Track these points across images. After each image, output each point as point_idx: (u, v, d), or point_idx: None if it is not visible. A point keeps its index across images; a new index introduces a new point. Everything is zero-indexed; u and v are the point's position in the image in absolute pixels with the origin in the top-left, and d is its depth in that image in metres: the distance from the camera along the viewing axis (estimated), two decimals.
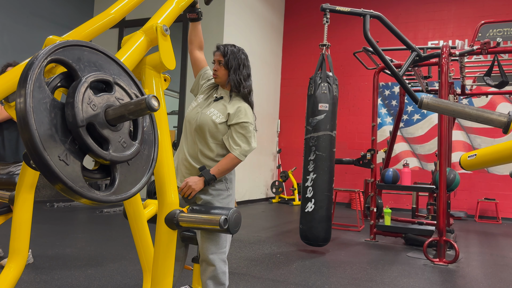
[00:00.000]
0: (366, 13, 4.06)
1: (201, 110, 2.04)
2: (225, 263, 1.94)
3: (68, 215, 5.83)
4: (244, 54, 2.11)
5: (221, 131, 1.99)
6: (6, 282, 1.05)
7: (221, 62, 2.04)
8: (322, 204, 3.85)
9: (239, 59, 2.05)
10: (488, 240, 5.37)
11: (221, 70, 2.04)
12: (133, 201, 1.51)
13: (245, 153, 1.98)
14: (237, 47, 2.09)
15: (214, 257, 1.90)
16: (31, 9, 7.21)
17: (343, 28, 8.86)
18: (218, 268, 1.90)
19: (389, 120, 8.66)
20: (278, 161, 9.53)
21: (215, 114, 1.99)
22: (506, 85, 4.42)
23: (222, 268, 1.92)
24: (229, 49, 2.05)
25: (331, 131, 3.93)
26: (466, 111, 1.29)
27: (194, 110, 2.06)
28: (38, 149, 0.78)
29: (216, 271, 1.91)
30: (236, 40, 7.89)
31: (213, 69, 2.08)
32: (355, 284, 3.03)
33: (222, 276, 1.92)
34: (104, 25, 1.43)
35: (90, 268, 3.10)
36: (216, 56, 2.07)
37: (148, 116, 1.08)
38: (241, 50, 2.10)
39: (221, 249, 1.92)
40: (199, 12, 1.98)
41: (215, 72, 2.06)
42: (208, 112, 2.00)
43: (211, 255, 1.89)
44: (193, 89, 2.23)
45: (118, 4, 1.49)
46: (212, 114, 1.99)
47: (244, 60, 2.08)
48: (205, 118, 1.99)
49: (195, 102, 2.12)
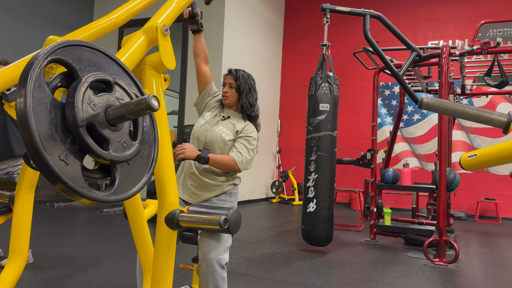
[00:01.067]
0: (366, 13, 4.06)
1: (210, 127, 2.13)
2: (223, 269, 1.89)
3: (68, 215, 5.83)
4: (253, 79, 2.25)
5: (230, 148, 2.09)
6: (6, 282, 1.05)
7: (232, 85, 2.17)
8: (324, 204, 3.85)
9: (250, 84, 2.20)
10: (488, 240, 5.37)
11: (232, 93, 2.17)
12: (133, 201, 1.51)
13: (243, 163, 2.05)
14: (246, 72, 2.23)
15: (214, 263, 1.85)
16: (31, 9, 7.21)
17: (343, 28, 8.86)
18: (217, 273, 1.86)
19: (389, 120, 8.66)
20: (278, 161, 9.53)
21: (224, 131, 2.09)
22: (506, 85, 4.42)
23: (221, 273, 1.88)
24: (241, 73, 2.19)
25: (332, 131, 3.94)
26: (466, 111, 1.29)
27: (203, 127, 2.15)
28: (38, 149, 0.78)
29: (215, 276, 1.86)
30: (236, 40, 7.89)
31: (223, 91, 2.19)
32: (355, 284, 3.03)
33: (221, 282, 1.88)
34: (105, 28, 1.43)
35: (90, 268, 3.10)
36: (228, 79, 2.19)
37: (148, 116, 1.08)
38: (250, 76, 2.25)
39: (221, 255, 1.88)
40: (200, 23, 2.03)
41: (225, 93, 2.18)
42: (218, 129, 2.10)
43: (210, 260, 1.85)
44: (197, 104, 2.29)
45: (121, 9, 1.48)
46: (221, 131, 2.09)
47: (254, 85, 2.23)
48: (215, 135, 2.08)
49: (202, 119, 2.20)
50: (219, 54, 7.40)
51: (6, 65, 2.85)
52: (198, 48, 2.17)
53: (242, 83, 2.17)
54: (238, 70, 2.21)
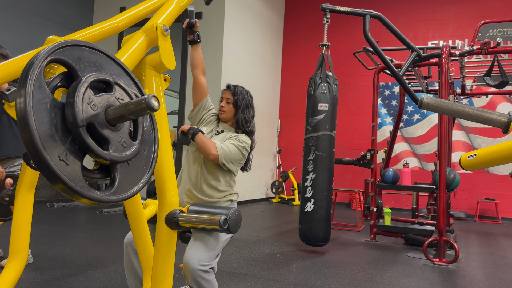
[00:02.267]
0: (366, 13, 4.06)
1: None
2: (206, 273, 1.82)
3: (68, 215, 5.83)
4: (251, 96, 2.26)
5: None
6: (6, 282, 1.05)
7: (229, 100, 2.18)
8: (322, 204, 3.85)
9: (247, 100, 2.21)
10: (488, 240, 5.37)
11: (229, 108, 2.18)
12: (133, 201, 1.51)
13: (223, 153, 2.01)
14: (245, 88, 2.24)
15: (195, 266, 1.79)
16: (31, 9, 7.22)
17: (343, 28, 8.86)
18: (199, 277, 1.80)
19: (389, 120, 8.66)
20: (278, 161, 9.53)
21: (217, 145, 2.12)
22: (506, 85, 4.42)
23: (205, 276, 1.81)
24: (239, 89, 2.21)
25: (331, 131, 3.93)
26: (466, 111, 1.29)
27: None
28: (38, 149, 0.78)
29: (198, 280, 1.80)
30: (236, 40, 7.89)
31: (220, 105, 2.21)
32: (355, 284, 3.03)
33: (206, 284, 1.82)
34: (106, 32, 1.43)
35: (90, 268, 3.10)
36: (226, 94, 2.21)
37: (148, 116, 1.08)
38: (249, 92, 2.26)
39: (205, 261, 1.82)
40: (197, 34, 2.02)
41: (222, 108, 2.19)
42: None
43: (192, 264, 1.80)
44: (192, 117, 2.27)
45: (125, 14, 1.48)
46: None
47: (251, 102, 2.24)
48: None
49: None
50: (219, 54, 7.40)
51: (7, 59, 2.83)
52: (196, 59, 2.14)
53: (240, 98, 2.18)
54: (237, 86, 2.23)
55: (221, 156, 2.00)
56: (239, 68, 7.99)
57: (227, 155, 2.02)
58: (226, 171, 2.09)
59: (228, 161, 2.04)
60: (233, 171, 2.12)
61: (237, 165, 2.12)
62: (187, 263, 1.80)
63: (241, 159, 2.11)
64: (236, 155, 2.07)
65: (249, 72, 8.38)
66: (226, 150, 2.03)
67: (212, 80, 7.16)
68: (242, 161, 2.14)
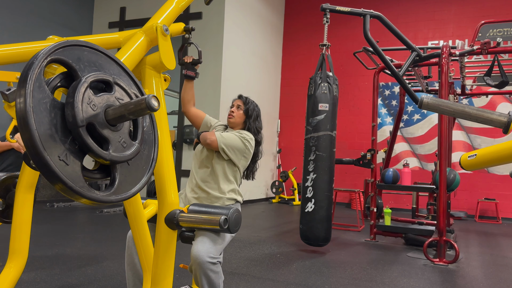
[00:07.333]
0: (366, 13, 4.06)
1: None
2: (214, 264, 1.83)
3: (68, 215, 5.83)
4: (259, 109, 2.33)
5: (227, 160, 2.13)
6: (6, 282, 1.05)
7: (240, 107, 2.26)
8: (322, 204, 3.85)
9: (257, 112, 2.29)
10: (488, 240, 5.37)
11: (238, 114, 2.25)
12: (133, 201, 1.51)
13: (221, 138, 2.07)
14: (254, 102, 2.31)
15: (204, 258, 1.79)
16: (31, 9, 7.22)
17: (343, 28, 8.86)
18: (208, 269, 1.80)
19: (389, 120, 8.66)
20: (278, 161, 9.53)
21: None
22: (506, 85, 4.42)
23: (213, 268, 1.83)
24: (250, 100, 2.29)
25: (331, 131, 3.93)
26: (466, 111, 1.29)
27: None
28: (38, 149, 0.78)
29: (206, 272, 1.81)
30: (236, 40, 7.89)
31: (230, 111, 2.27)
32: (355, 284, 3.03)
33: (214, 277, 1.83)
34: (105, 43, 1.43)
35: (90, 268, 3.10)
36: (237, 102, 2.28)
37: (148, 116, 1.08)
38: (257, 105, 2.33)
39: (212, 253, 1.83)
40: (197, 73, 2.07)
41: (232, 113, 2.25)
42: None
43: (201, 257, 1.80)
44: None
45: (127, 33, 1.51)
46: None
47: (260, 114, 2.32)
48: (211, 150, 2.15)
49: None
50: (219, 54, 7.40)
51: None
52: (190, 94, 2.22)
53: (251, 108, 2.25)
54: (248, 97, 2.32)
55: (219, 140, 2.06)
56: (239, 68, 7.99)
57: (225, 140, 2.07)
58: (232, 172, 2.13)
59: (228, 147, 2.08)
60: (236, 163, 2.13)
61: (239, 156, 2.13)
62: (196, 257, 1.81)
63: (243, 149, 2.13)
64: (236, 142, 2.10)
65: (249, 72, 8.38)
66: (225, 136, 2.09)
67: (212, 80, 7.15)
68: (246, 154, 2.16)
